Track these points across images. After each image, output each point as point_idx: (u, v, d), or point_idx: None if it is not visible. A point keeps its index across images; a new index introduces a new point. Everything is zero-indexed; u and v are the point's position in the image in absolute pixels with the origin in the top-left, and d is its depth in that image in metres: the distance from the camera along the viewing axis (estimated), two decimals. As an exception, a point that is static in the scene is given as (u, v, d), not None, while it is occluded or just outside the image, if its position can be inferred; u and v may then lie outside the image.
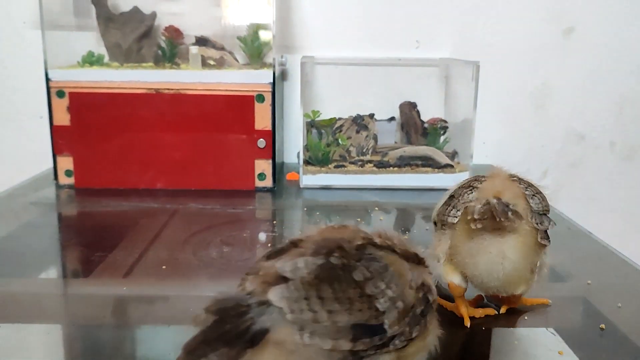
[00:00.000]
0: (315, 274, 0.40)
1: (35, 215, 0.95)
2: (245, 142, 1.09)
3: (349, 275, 0.41)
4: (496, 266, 0.57)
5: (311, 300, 0.39)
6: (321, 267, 0.41)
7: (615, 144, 1.39)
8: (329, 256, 0.41)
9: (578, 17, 1.32)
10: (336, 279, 0.40)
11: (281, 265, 0.41)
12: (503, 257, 0.57)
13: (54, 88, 1.07)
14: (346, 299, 0.40)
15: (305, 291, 0.39)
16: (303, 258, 0.41)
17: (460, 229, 0.59)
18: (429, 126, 1.26)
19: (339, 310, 0.39)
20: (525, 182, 0.62)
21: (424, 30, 1.32)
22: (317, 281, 0.40)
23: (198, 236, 0.87)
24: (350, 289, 0.40)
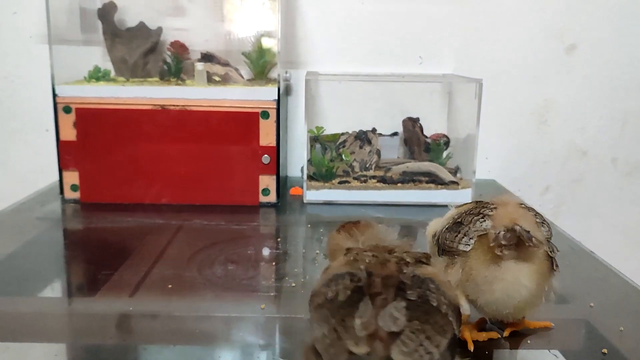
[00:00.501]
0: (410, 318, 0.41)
1: (41, 230, 0.96)
2: (249, 158, 1.09)
3: (429, 306, 0.43)
4: (513, 293, 0.58)
5: (425, 345, 0.41)
6: (408, 308, 0.42)
7: (617, 160, 1.39)
8: (404, 293, 0.43)
9: (580, 34, 1.33)
10: (426, 313, 0.42)
11: (383, 323, 0.41)
12: (519, 284, 0.57)
13: (61, 104, 1.08)
14: (440, 327, 0.42)
15: (418, 339, 0.41)
16: (391, 306, 0.42)
17: (474, 256, 0.59)
18: (432, 142, 1.27)
19: (439, 339, 0.42)
20: (532, 210, 0.62)
21: (427, 46, 1.33)
22: (418, 325, 0.41)
23: (203, 253, 0.88)
24: (437, 316, 0.43)
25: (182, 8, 1.28)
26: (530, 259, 0.57)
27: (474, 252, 0.59)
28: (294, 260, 0.87)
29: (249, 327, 0.66)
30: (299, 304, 0.72)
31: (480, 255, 0.59)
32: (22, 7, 1.28)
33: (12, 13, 1.29)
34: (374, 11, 1.30)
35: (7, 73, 1.31)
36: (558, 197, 1.41)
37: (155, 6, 1.27)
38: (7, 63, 1.31)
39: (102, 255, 0.86)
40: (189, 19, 1.28)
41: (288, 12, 1.28)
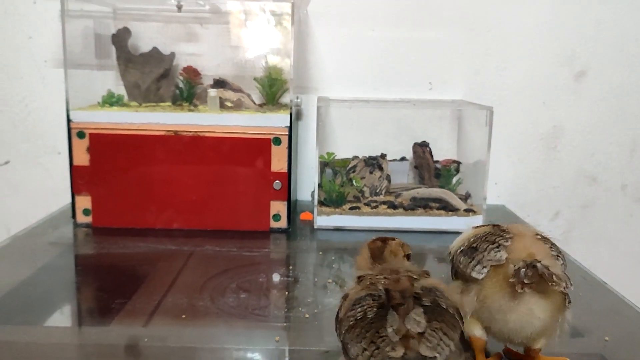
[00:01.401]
0: (429, 319, 0.51)
1: (54, 256, 0.96)
2: (261, 184, 1.10)
3: (441, 309, 0.52)
4: (527, 325, 0.58)
5: (444, 339, 0.50)
6: (426, 312, 0.51)
7: (627, 186, 1.39)
8: (420, 301, 0.52)
9: (589, 61, 1.33)
10: (439, 314, 0.52)
11: (410, 326, 0.50)
12: (533, 315, 0.58)
13: (75, 129, 1.09)
14: (451, 324, 0.52)
15: (438, 335, 0.50)
16: (413, 312, 0.51)
17: (488, 285, 0.60)
18: (442, 167, 1.28)
19: (452, 334, 0.51)
20: (548, 242, 0.63)
21: (437, 72, 1.34)
22: (437, 324, 0.51)
23: (215, 281, 0.88)
24: (447, 316, 0.52)
25: (194, 34, 1.29)
26: (545, 291, 0.57)
27: (489, 280, 0.60)
28: (306, 289, 0.87)
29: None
30: (313, 336, 0.72)
31: (496, 284, 0.59)
32: (37, 32, 1.30)
33: (27, 38, 1.31)
34: (384, 38, 1.32)
35: (22, 97, 1.33)
36: (568, 223, 1.41)
37: (168, 32, 1.29)
38: (22, 87, 1.33)
39: (115, 282, 0.87)
40: (202, 45, 1.30)
41: (300, 38, 1.30)
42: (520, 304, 0.58)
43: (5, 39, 1.31)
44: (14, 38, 1.31)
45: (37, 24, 1.30)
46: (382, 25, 1.31)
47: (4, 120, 1.34)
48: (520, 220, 1.27)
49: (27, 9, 1.29)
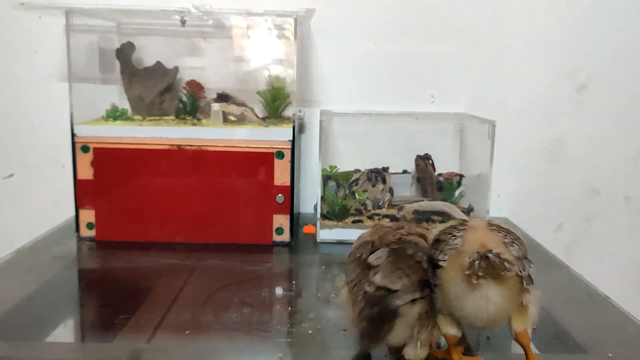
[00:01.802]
0: (391, 258, 0.65)
1: (58, 270, 0.96)
2: (264, 198, 1.10)
3: (405, 253, 0.66)
4: (481, 308, 0.61)
5: (397, 274, 0.64)
6: (390, 253, 0.66)
7: (630, 198, 1.39)
8: (389, 247, 0.66)
9: (590, 74, 1.34)
10: (401, 257, 0.65)
11: (370, 261, 0.66)
12: (487, 300, 0.61)
13: (79, 143, 1.09)
14: (412, 266, 0.64)
15: (391, 269, 0.64)
16: (377, 252, 0.66)
17: (447, 274, 0.62)
18: (444, 180, 1.28)
19: (411, 274, 0.64)
20: (503, 230, 0.65)
21: (439, 85, 1.34)
22: (393, 262, 0.65)
23: (218, 295, 0.88)
24: (409, 260, 0.65)
25: (198, 48, 1.30)
26: (499, 276, 0.60)
27: (447, 270, 0.63)
28: (309, 304, 0.87)
29: (266, 376, 0.66)
30: (316, 352, 0.72)
31: (451, 272, 0.62)
32: (42, 46, 1.31)
33: (32, 52, 1.32)
34: (386, 51, 1.32)
35: (26, 110, 1.34)
36: (571, 235, 1.40)
37: (172, 46, 1.29)
38: (26, 100, 1.34)
39: (119, 297, 0.87)
40: (205, 59, 1.30)
41: (302, 52, 1.30)
42: (475, 290, 0.61)
43: (11, 53, 1.32)
44: (19, 52, 1.32)
45: (42, 38, 1.31)
46: (384, 39, 1.32)
47: (8, 134, 1.35)
48: (523, 233, 1.27)
49: (32, 23, 1.30)
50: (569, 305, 0.87)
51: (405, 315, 0.63)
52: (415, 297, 0.63)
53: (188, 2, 1.27)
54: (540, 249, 1.16)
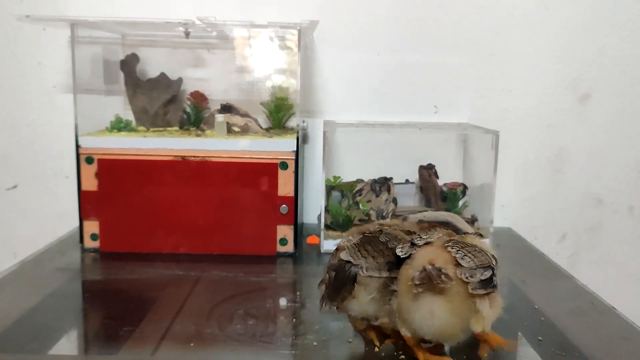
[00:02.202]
0: (359, 241, 0.74)
1: (62, 282, 0.96)
2: (268, 208, 1.10)
3: (377, 239, 0.74)
4: (427, 322, 0.66)
5: (362, 253, 0.72)
6: (362, 238, 0.74)
7: (634, 208, 1.39)
8: (363, 234, 0.75)
9: (593, 84, 1.34)
10: (371, 241, 0.73)
11: (341, 241, 0.76)
12: (432, 314, 0.66)
13: (84, 154, 1.10)
14: (379, 249, 0.72)
15: (357, 249, 0.73)
16: (351, 235, 0.76)
17: (399, 288, 0.69)
18: (448, 190, 1.28)
19: (378, 256, 0.72)
20: (460, 244, 0.69)
21: (442, 95, 1.35)
22: (361, 243, 0.73)
23: (222, 307, 0.88)
24: (380, 245, 0.73)
25: (202, 59, 1.31)
26: (444, 292, 0.65)
27: (399, 284, 0.69)
28: (313, 315, 0.86)
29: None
30: (321, 365, 0.72)
31: (402, 286, 0.68)
32: (46, 58, 1.32)
33: (37, 64, 1.32)
34: (389, 62, 1.33)
35: (30, 121, 1.35)
36: (575, 245, 1.40)
37: (176, 57, 1.30)
38: (30, 111, 1.34)
39: (123, 309, 0.86)
40: (209, 70, 1.31)
41: (305, 62, 1.31)
42: (421, 304, 0.66)
43: (15, 65, 1.33)
44: (24, 64, 1.33)
45: (46, 50, 1.32)
46: (387, 50, 1.32)
47: (12, 145, 1.35)
48: (527, 243, 1.27)
49: (37, 35, 1.31)
50: (574, 316, 0.87)
51: (366, 285, 0.71)
52: (377, 275, 0.70)
53: (192, 14, 1.28)
54: (544, 259, 1.16)
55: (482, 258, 0.68)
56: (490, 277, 0.67)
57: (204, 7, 1.29)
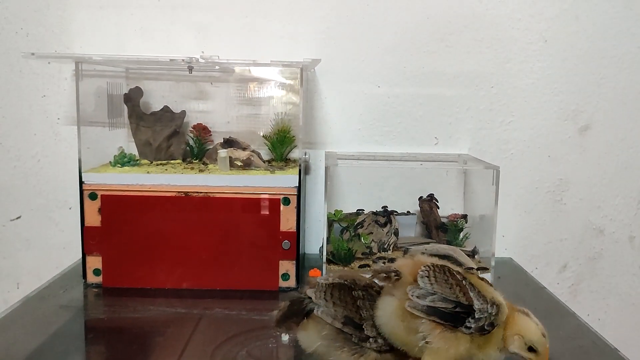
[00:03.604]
0: (331, 285, 0.76)
1: (64, 321, 0.97)
2: (270, 244, 1.11)
3: (349, 292, 0.75)
4: (379, 320, 0.73)
5: (326, 295, 0.75)
6: (334, 284, 0.76)
7: (635, 238, 1.39)
8: (344, 280, 0.77)
9: (593, 116, 1.35)
10: (342, 289, 0.75)
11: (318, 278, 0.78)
12: (383, 312, 0.73)
13: (87, 190, 1.10)
14: (344, 302, 0.74)
15: (323, 292, 0.75)
16: (324, 276, 0.78)
17: None
18: (449, 222, 1.29)
19: (339, 306, 0.74)
20: (440, 271, 0.73)
21: (443, 127, 1.36)
22: (330, 289, 0.75)
23: (225, 348, 0.88)
24: (348, 298, 0.75)
25: (205, 92, 1.32)
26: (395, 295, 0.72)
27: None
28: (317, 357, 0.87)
29: None
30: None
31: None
32: (51, 90, 1.33)
33: (41, 96, 1.34)
34: (389, 94, 1.34)
35: (35, 152, 1.36)
36: (576, 276, 1.40)
37: (179, 90, 1.32)
38: (35, 143, 1.35)
39: (126, 352, 0.87)
40: (212, 102, 1.32)
41: (307, 96, 1.32)
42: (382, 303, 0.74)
43: (20, 97, 1.34)
44: (29, 96, 1.34)
45: (51, 83, 1.33)
46: (387, 82, 1.34)
47: (16, 176, 1.36)
48: (528, 276, 1.28)
49: (42, 68, 1.32)
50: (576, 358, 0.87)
51: (319, 325, 0.74)
52: (329, 321, 0.73)
53: (196, 48, 1.30)
54: (546, 293, 1.16)
55: (449, 291, 0.71)
56: (444, 310, 0.69)
57: (208, 42, 1.31)
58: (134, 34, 1.31)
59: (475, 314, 0.70)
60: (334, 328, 0.73)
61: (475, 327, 0.70)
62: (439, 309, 0.70)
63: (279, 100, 1.30)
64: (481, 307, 0.71)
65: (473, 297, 0.71)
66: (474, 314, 0.70)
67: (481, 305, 0.71)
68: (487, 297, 0.72)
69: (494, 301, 0.72)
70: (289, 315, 0.76)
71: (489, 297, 0.72)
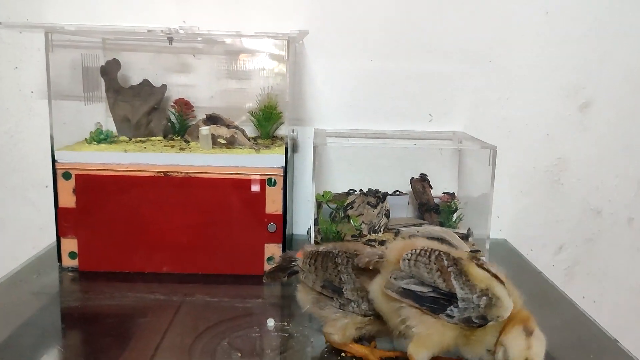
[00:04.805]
0: (316, 253, 0.82)
1: (37, 309, 0.91)
2: (255, 226, 1.06)
3: (332, 258, 0.80)
4: (371, 295, 0.75)
5: (309, 262, 0.81)
6: (319, 252, 0.82)
7: (634, 219, 1.35)
8: (334, 249, 0.82)
9: (594, 92, 1.29)
10: (325, 256, 0.81)
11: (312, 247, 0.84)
12: (372, 290, 0.75)
13: (61, 169, 1.04)
14: (325, 267, 0.79)
15: (308, 258, 0.81)
16: (315, 245, 0.88)
17: None
18: (442, 203, 1.23)
19: (320, 271, 0.79)
20: (428, 255, 0.72)
21: (437, 104, 1.30)
22: (315, 256, 0.81)
23: (205, 337, 0.84)
24: (330, 263, 0.80)
25: (187, 65, 1.25)
26: (380, 270, 0.75)
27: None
28: (301, 349, 0.82)
29: None
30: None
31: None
32: (23, 62, 1.26)
33: (13, 68, 1.26)
34: (382, 68, 1.27)
35: (8, 128, 1.29)
36: (572, 257, 1.36)
37: (159, 63, 1.24)
38: (8, 118, 1.28)
39: (100, 343, 0.82)
40: (194, 76, 1.25)
41: (295, 69, 1.25)
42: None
43: (-9, 69, 1.26)
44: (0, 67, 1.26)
45: (23, 54, 1.25)
46: (381, 56, 1.27)
47: (-11, 152, 1.30)
48: (523, 259, 1.23)
49: (13, 38, 1.25)
50: (575, 351, 0.83)
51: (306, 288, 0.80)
52: (310, 285, 0.79)
53: (177, 17, 1.22)
54: (542, 279, 1.12)
55: (427, 275, 0.69)
56: (421, 294, 0.69)
57: (190, 11, 1.23)
58: (111, 2, 1.23)
59: (458, 302, 0.66)
60: (317, 292, 0.79)
61: (460, 317, 0.67)
62: (414, 292, 0.69)
63: (265, 74, 1.24)
64: (465, 297, 0.67)
65: (456, 285, 0.68)
66: (457, 302, 0.66)
67: (465, 295, 0.67)
68: (477, 287, 0.67)
69: (487, 293, 0.67)
70: (278, 269, 0.84)
71: (480, 288, 0.67)
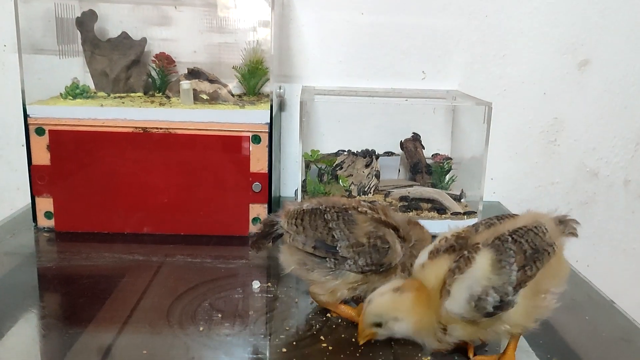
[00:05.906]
0: (301, 212, 0.75)
1: (10, 270, 0.87)
2: (239, 186, 1.01)
3: (321, 215, 0.74)
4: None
5: (296, 223, 0.74)
6: (305, 210, 0.76)
7: (630, 182, 1.32)
8: (320, 205, 0.76)
9: (594, 50, 1.24)
10: (313, 214, 0.75)
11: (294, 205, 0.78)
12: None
13: (33, 125, 0.99)
14: (315, 226, 0.74)
15: (293, 219, 0.75)
16: (298, 202, 0.79)
17: None
18: (434, 164, 1.19)
19: (308, 230, 0.74)
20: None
21: (431, 60, 1.24)
22: (300, 215, 0.75)
23: (185, 299, 0.80)
24: (319, 221, 0.74)
25: (168, 17, 1.19)
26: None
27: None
28: (286, 310, 0.79)
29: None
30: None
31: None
32: (-6, 13, 1.19)
33: (-17, 20, 1.19)
34: (374, 23, 1.22)
35: (-21, 84, 1.22)
36: (566, 221, 1.33)
37: (139, 15, 1.18)
38: (-21, 73, 1.22)
39: (74, 305, 0.78)
40: (176, 29, 1.19)
41: (282, 23, 1.19)
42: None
43: (-40, 21, 1.19)
44: (-30, 20, 1.19)
45: (-7, 4, 1.18)
46: (372, 9, 1.21)
47: (-39, 110, 1.24)
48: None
49: (-18, -13, 1.17)
50: (570, 313, 0.80)
51: (290, 247, 0.75)
52: (300, 247, 0.73)
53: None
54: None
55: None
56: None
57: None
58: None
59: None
60: (305, 252, 0.73)
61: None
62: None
63: (251, 27, 1.17)
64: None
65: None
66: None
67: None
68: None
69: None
70: (261, 237, 0.77)
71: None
